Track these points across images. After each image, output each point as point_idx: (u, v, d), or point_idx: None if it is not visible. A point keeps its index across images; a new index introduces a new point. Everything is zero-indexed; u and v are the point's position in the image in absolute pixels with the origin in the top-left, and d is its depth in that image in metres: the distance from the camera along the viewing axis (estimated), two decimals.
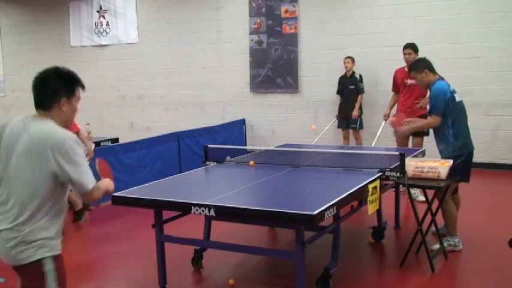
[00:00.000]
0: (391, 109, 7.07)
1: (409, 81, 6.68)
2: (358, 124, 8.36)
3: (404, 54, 6.71)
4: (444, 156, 4.51)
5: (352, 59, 8.37)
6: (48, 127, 2.44)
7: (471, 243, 4.64)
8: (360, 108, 8.39)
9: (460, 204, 4.80)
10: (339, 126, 8.58)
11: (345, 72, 8.43)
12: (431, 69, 4.62)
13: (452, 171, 4.28)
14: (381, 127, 7.41)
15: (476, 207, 5.67)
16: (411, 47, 6.68)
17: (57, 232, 2.49)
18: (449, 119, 4.46)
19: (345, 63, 8.38)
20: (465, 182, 4.60)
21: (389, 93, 7.39)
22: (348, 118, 8.39)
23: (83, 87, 2.61)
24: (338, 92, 8.61)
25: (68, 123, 2.59)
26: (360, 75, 8.37)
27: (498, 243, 4.54)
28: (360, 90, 8.34)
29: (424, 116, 6.42)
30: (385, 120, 7.02)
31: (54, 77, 2.52)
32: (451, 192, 4.56)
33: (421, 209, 4.52)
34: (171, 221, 3.98)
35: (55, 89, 2.49)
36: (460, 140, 4.47)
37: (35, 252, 2.38)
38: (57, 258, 2.45)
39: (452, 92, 4.48)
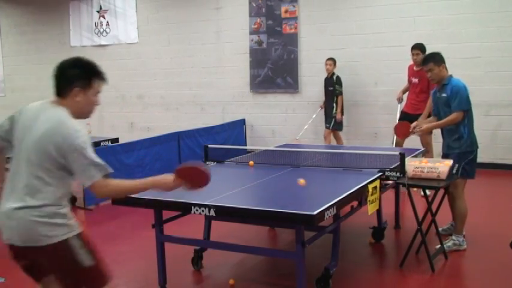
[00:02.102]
0: (403, 93, 7.31)
1: (414, 80, 6.90)
2: (331, 124, 8.36)
3: (412, 54, 6.90)
4: (457, 151, 4.50)
5: (334, 61, 8.39)
6: (57, 115, 2.49)
7: (471, 243, 4.64)
8: (341, 109, 8.42)
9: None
10: (326, 127, 8.62)
11: (327, 73, 8.49)
12: (445, 65, 4.63)
13: (466, 167, 4.40)
14: (398, 111, 7.40)
15: (476, 207, 5.66)
16: (419, 48, 6.84)
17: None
18: (465, 116, 4.49)
19: (326, 64, 8.41)
20: (472, 178, 4.61)
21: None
22: (326, 118, 8.50)
23: (103, 79, 2.63)
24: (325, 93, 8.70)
25: (83, 115, 2.63)
26: (338, 77, 8.35)
27: (498, 244, 4.54)
28: (335, 92, 8.33)
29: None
30: (399, 102, 7.34)
31: (71, 66, 2.57)
32: (463, 187, 4.57)
33: (421, 209, 4.52)
34: (171, 221, 3.98)
35: (70, 78, 2.53)
36: (472, 136, 4.53)
37: None
38: None
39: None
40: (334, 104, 8.35)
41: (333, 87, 8.36)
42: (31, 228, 2.40)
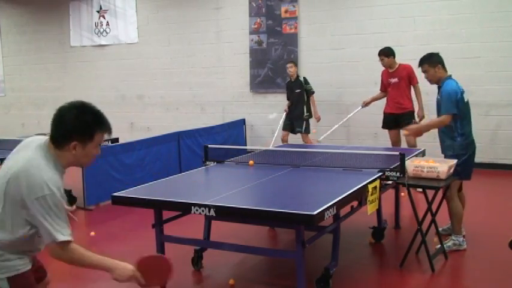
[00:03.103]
0: (372, 101, 7.54)
1: (392, 80, 7.11)
2: (303, 128, 8.23)
3: (380, 60, 7.15)
4: (450, 153, 4.52)
5: (295, 64, 8.37)
6: (26, 161, 2.22)
7: (471, 244, 4.64)
8: (309, 110, 8.30)
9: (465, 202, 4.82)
10: (283, 128, 8.47)
11: (290, 77, 8.42)
12: (444, 65, 4.63)
13: (458, 168, 4.35)
14: (354, 111, 7.80)
15: (476, 207, 5.66)
16: (383, 54, 7.12)
17: None
18: (457, 119, 4.48)
19: (287, 68, 8.35)
20: (466, 179, 4.61)
21: None
22: (293, 122, 8.34)
23: (106, 131, 2.39)
24: (287, 98, 8.56)
25: (78, 166, 2.43)
26: (304, 78, 8.32)
27: (498, 244, 4.54)
28: (308, 92, 8.26)
29: (411, 113, 7.00)
30: (362, 106, 7.63)
31: (73, 115, 2.27)
32: (457, 190, 4.57)
33: (421, 209, 4.51)
34: (171, 221, 3.98)
35: (68, 130, 2.25)
36: (466, 139, 4.52)
37: None
38: None
39: (462, 92, 4.51)
40: (305, 106, 8.23)
41: (300, 89, 8.25)
42: None
